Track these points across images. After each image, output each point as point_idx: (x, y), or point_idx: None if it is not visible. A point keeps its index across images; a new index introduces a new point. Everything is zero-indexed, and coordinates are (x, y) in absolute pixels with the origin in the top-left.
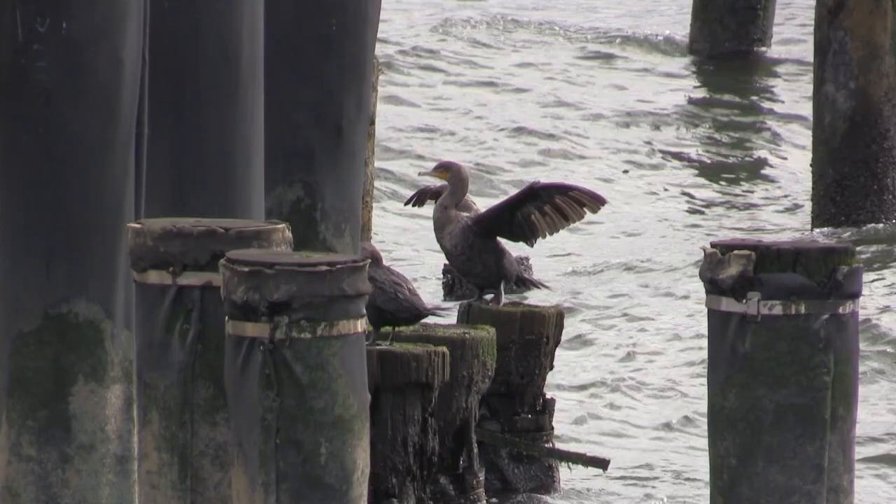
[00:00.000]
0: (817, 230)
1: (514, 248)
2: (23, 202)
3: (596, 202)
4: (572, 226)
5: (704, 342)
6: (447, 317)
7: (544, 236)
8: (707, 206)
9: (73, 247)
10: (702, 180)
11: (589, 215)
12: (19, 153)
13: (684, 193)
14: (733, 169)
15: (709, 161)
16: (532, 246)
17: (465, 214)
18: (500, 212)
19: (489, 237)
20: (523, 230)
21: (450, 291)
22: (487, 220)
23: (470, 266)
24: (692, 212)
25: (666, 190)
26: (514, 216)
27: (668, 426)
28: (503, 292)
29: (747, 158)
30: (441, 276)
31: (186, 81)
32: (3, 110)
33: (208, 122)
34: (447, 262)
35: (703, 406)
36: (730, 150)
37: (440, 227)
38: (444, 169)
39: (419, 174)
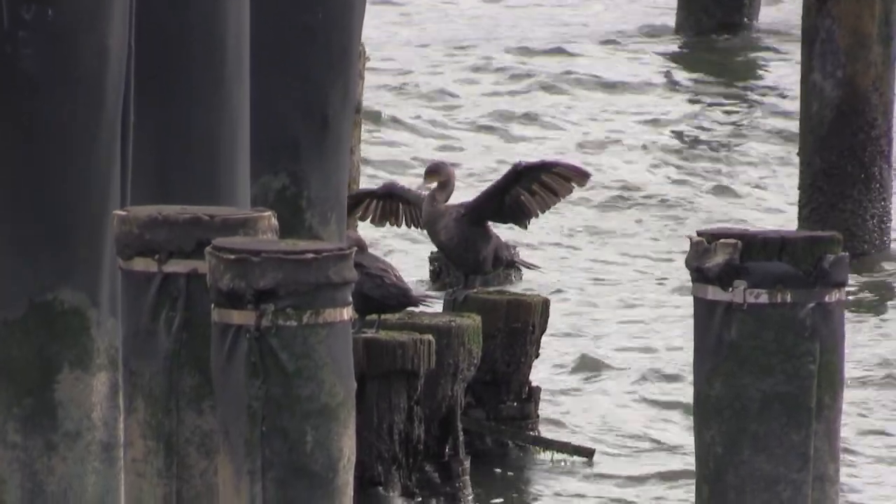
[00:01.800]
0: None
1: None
2: (8, 190)
3: (581, 177)
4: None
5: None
6: (433, 304)
7: (536, 216)
8: (692, 195)
9: (59, 235)
10: (686, 168)
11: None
12: (4, 141)
13: (670, 184)
14: (719, 157)
15: (694, 151)
16: (525, 227)
17: (454, 205)
18: (489, 197)
19: (481, 224)
20: (514, 212)
21: (436, 279)
22: (478, 207)
23: (466, 256)
24: (677, 200)
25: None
26: (504, 200)
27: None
28: (477, 282)
29: (733, 147)
30: (428, 263)
31: (172, 70)
32: None
33: (194, 110)
34: (439, 251)
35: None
36: (715, 139)
37: (432, 221)
38: (435, 173)
39: (418, 188)
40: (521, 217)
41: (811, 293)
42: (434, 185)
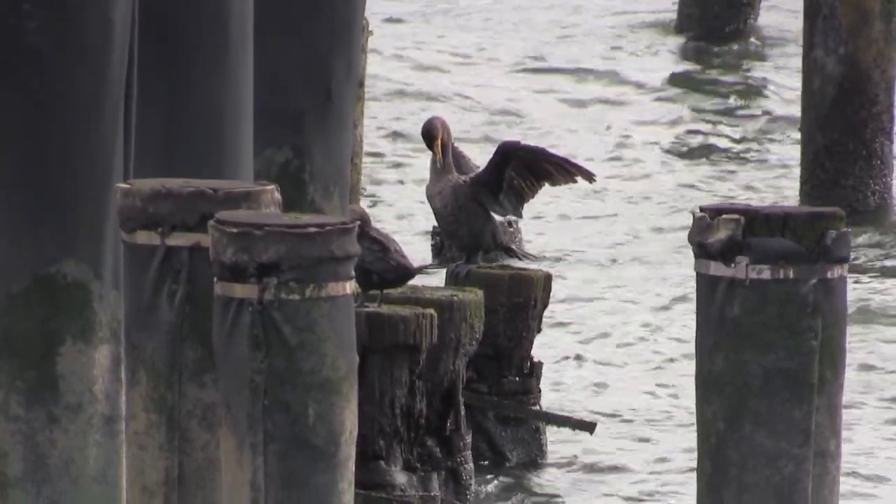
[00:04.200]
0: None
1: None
2: (11, 162)
3: (585, 175)
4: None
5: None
6: (436, 274)
7: (528, 200)
8: (695, 171)
9: (62, 207)
10: (689, 145)
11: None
12: (8, 113)
13: (674, 159)
14: (721, 133)
15: (697, 126)
16: (521, 216)
17: (458, 175)
18: (488, 175)
19: (481, 203)
20: (510, 198)
21: (438, 253)
22: (478, 182)
23: (456, 228)
24: (680, 175)
25: (654, 154)
26: (501, 182)
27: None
28: (480, 259)
29: (735, 124)
30: (430, 238)
31: (176, 42)
32: None
33: (198, 83)
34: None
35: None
36: (718, 114)
37: (431, 185)
38: (434, 133)
39: (437, 163)
40: (517, 204)
41: (813, 269)
42: (439, 148)
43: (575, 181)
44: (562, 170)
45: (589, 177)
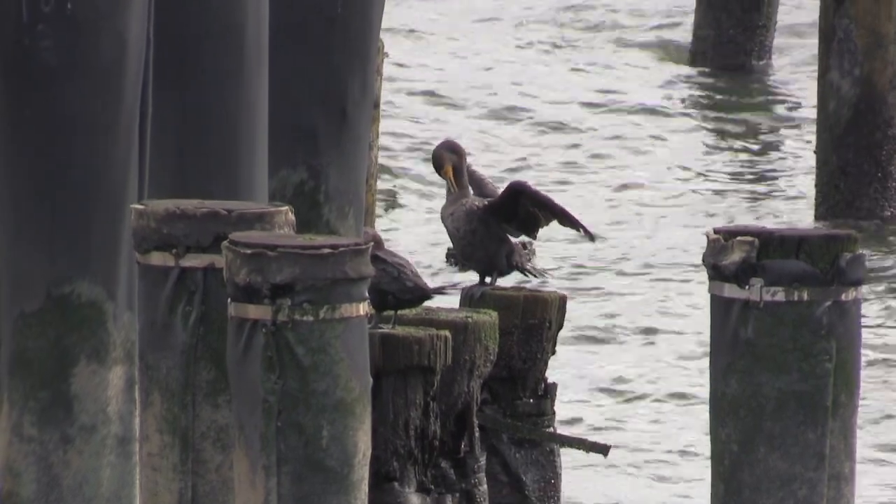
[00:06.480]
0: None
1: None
2: (26, 182)
3: (585, 233)
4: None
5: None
6: (452, 293)
7: (543, 226)
8: (710, 192)
9: (76, 227)
10: (704, 166)
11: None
12: (23, 133)
13: (687, 179)
14: (736, 155)
15: (711, 148)
16: (535, 238)
17: (474, 198)
18: (501, 203)
19: (495, 225)
20: (526, 224)
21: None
22: (492, 209)
23: (472, 251)
24: (696, 196)
25: (669, 171)
26: (516, 209)
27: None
28: (496, 280)
29: (751, 145)
30: (445, 259)
31: (191, 62)
32: (7, 90)
33: (213, 103)
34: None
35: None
36: (733, 137)
37: (445, 207)
38: (441, 162)
39: (451, 190)
40: (531, 228)
41: (828, 291)
42: (451, 175)
43: (577, 231)
44: (566, 220)
45: (590, 236)
